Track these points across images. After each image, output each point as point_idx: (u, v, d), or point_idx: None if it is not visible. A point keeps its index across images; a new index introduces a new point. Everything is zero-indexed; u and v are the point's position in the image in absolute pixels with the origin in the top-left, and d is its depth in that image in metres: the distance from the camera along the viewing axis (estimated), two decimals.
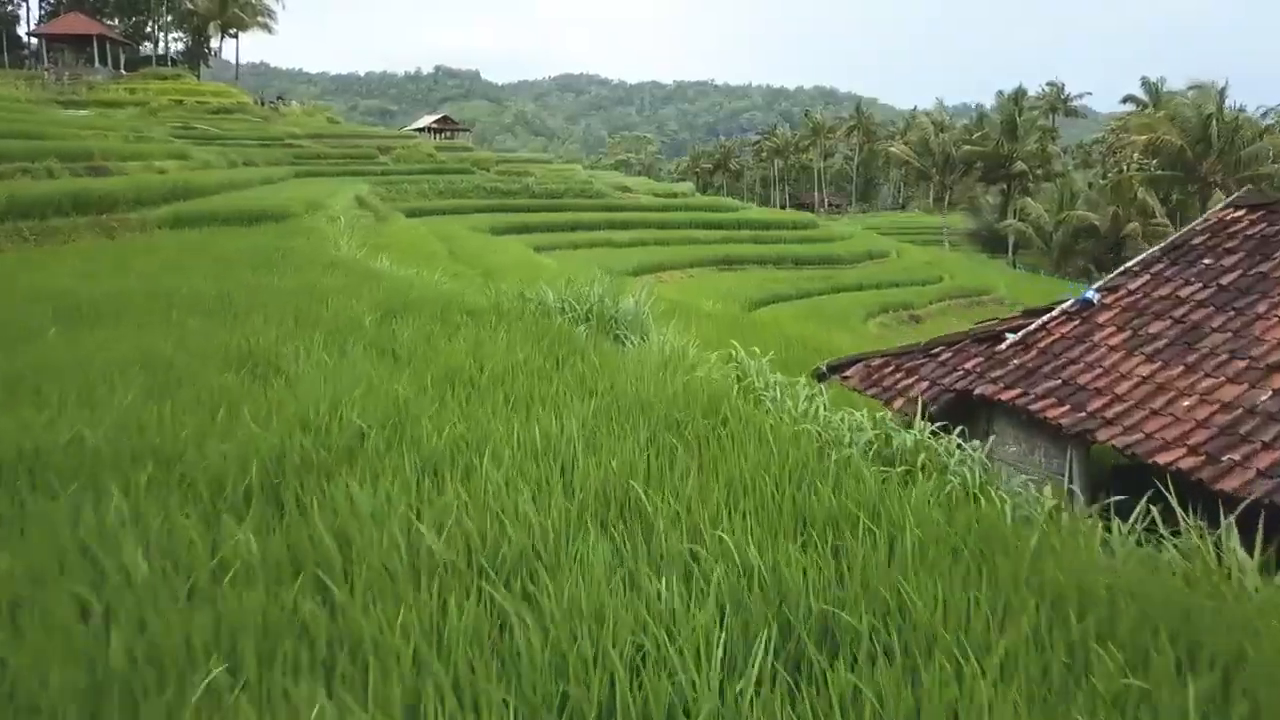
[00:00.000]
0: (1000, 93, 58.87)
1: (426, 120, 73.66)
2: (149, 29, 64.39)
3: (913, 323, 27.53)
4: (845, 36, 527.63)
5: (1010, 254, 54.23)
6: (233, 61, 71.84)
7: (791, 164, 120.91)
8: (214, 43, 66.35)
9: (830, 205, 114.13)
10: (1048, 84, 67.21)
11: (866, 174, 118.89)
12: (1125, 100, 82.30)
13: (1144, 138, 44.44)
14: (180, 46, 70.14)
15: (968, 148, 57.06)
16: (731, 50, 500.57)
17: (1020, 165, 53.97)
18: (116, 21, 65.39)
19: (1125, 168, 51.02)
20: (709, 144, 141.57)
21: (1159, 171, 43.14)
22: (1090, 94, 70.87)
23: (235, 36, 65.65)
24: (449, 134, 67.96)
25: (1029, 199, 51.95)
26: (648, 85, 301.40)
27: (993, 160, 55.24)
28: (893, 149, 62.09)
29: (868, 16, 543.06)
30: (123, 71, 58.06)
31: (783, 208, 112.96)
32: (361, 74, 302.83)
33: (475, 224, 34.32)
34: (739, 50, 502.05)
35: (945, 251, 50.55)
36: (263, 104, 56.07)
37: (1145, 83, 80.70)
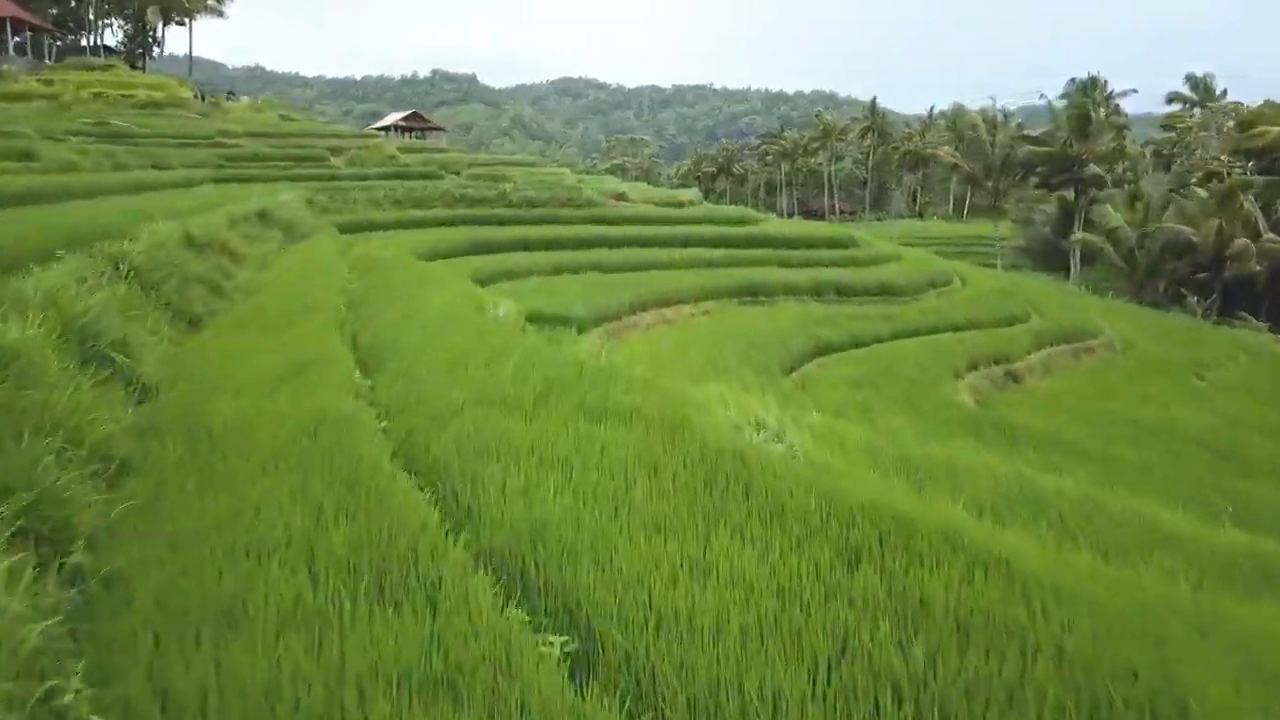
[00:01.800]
0: (1072, 80, 51.11)
1: (393, 117, 66.25)
2: (87, 17, 57.19)
3: (1012, 383, 20.28)
4: (843, 40, 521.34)
5: (1073, 272, 47.03)
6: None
7: (798, 168, 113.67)
8: (160, 31, 59.25)
9: (842, 212, 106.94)
10: (1084, 80, 59.95)
11: (879, 178, 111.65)
12: (1170, 99, 75.43)
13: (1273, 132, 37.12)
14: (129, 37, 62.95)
15: (1029, 148, 49.32)
16: (730, 54, 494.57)
17: (1093, 168, 46.38)
18: (55, 10, 58.22)
19: (1228, 173, 43.57)
20: (711, 147, 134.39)
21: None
22: (1135, 91, 63.38)
23: (183, 24, 58.74)
24: (419, 133, 60.79)
25: (1108, 207, 44.59)
26: (646, 89, 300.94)
27: (1059, 162, 47.62)
28: (938, 151, 54.45)
29: (864, 20, 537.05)
30: (47, 61, 51.13)
31: (789, 215, 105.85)
32: (358, 77, 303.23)
33: (428, 243, 27.14)
34: (737, 54, 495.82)
35: (1001, 271, 43.39)
36: (203, 99, 49.05)
37: (1191, 79, 73.81)
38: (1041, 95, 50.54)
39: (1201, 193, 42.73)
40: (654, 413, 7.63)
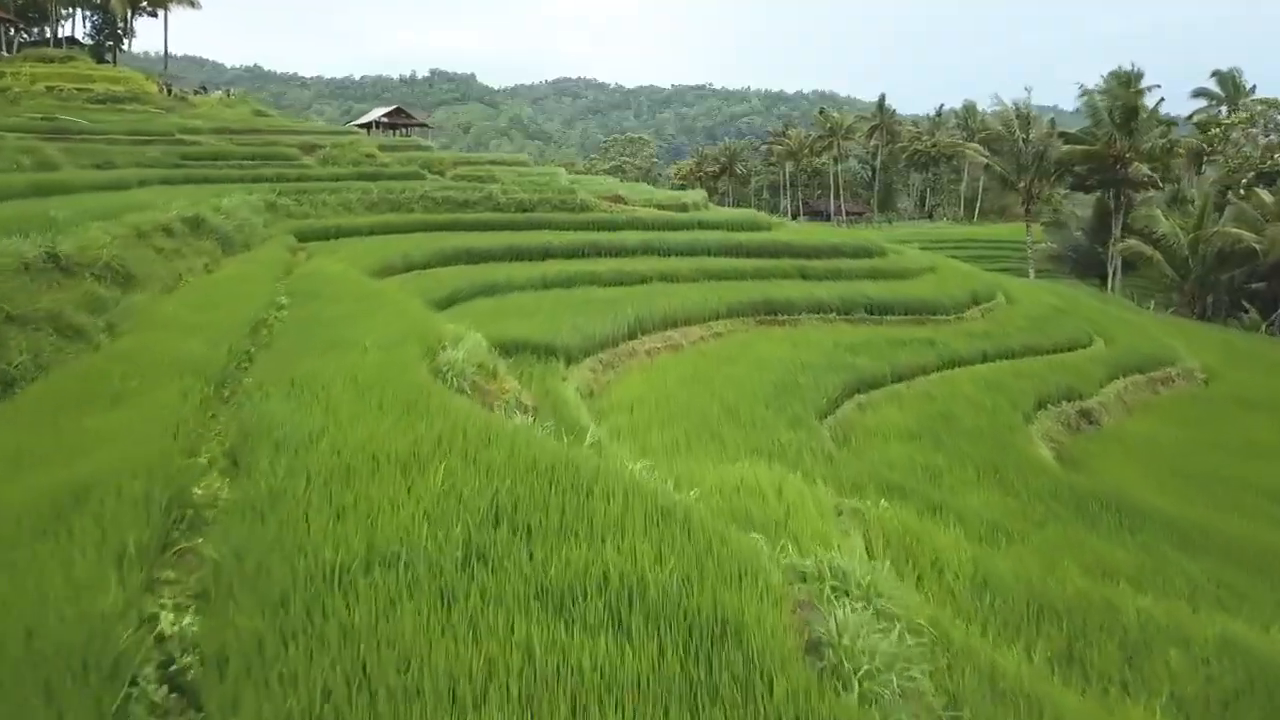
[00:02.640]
0: (1116, 72, 46.89)
1: (376, 113, 62.62)
2: (51, 7, 53.58)
3: (1087, 424, 16.85)
4: (843, 41, 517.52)
5: (1111, 282, 43.40)
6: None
7: (802, 168, 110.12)
8: (129, 22, 55.64)
9: (848, 214, 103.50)
10: (1114, 74, 56.21)
11: (885, 179, 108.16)
12: (1196, 94, 71.89)
13: None
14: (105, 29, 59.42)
15: (1067, 146, 45.53)
16: (729, 54, 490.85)
17: (1139, 168, 42.56)
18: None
19: None
20: (714, 147, 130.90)
21: None
22: (1159, 86, 59.60)
23: (155, 16, 55.22)
24: (403, 130, 57.27)
25: (1157, 211, 40.89)
26: (645, 89, 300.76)
27: (1100, 161, 43.82)
28: (966, 148, 50.57)
29: (865, 19, 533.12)
30: (3, 53, 47.71)
31: (794, 217, 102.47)
32: (357, 77, 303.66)
33: (398, 252, 23.88)
34: (736, 54, 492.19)
35: (1034, 280, 39.95)
36: (170, 93, 45.63)
37: (1219, 76, 70.25)
38: (1079, 86, 46.65)
39: (1266, 195, 39.11)
40: (667, 594, 4.29)
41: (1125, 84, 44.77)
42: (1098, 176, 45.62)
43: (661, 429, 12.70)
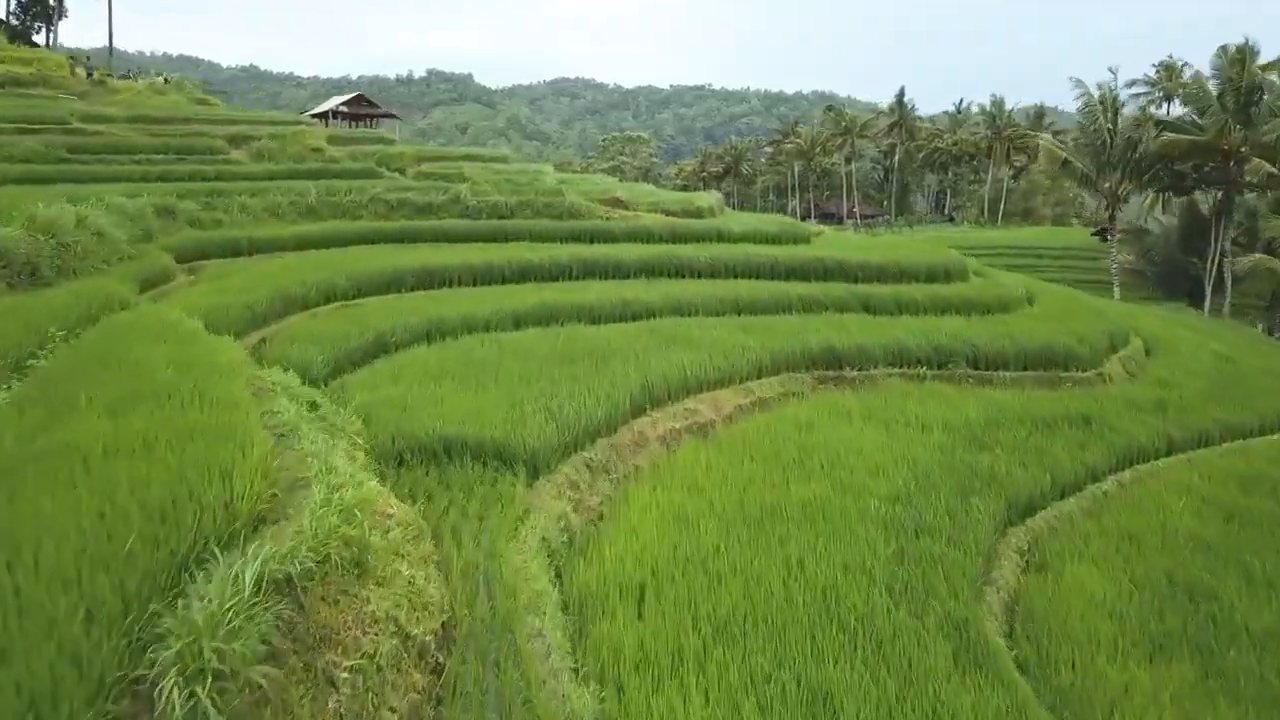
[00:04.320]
0: (1223, 49, 38.81)
1: (334, 101, 55.64)
2: None
3: None
4: (843, 41, 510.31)
5: (1210, 302, 36.65)
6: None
7: (812, 168, 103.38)
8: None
9: (863, 217, 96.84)
10: (1160, 66, 49.05)
11: (901, 179, 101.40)
12: None
13: None
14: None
15: (1169, 136, 38.17)
16: (728, 54, 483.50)
17: (1259, 164, 35.34)
18: None
19: None
20: (718, 146, 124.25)
21: None
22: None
23: None
24: (366, 121, 50.54)
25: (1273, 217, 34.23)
26: (644, 90, 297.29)
27: (1208, 155, 36.65)
28: (1040, 139, 43.57)
29: (865, 19, 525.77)
30: None
31: (803, 219, 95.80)
32: (354, 77, 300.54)
33: (319, 276, 17.54)
34: (736, 54, 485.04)
35: (1119, 300, 33.45)
36: (90, 75, 39.13)
37: None
38: (1181, 64, 39.08)
39: None
40: None
41: (1239, 61, 37.11)
42: (1202, 174, 38.53)
43: (700, 668, 6.30)
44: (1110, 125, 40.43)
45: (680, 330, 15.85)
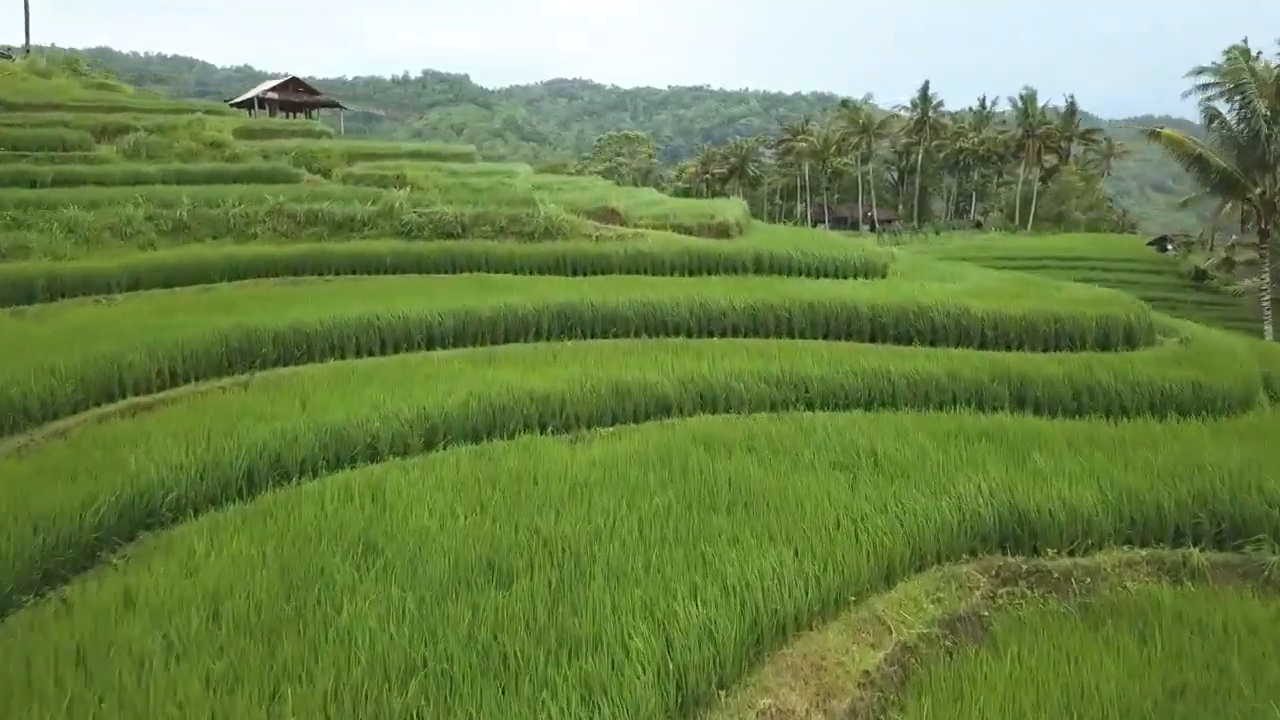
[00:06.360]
0: None
1: (263, 87, 47.97)
2: None
3: None
4: (843, 41, 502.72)
5: None
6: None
7: (823, 169, 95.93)
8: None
9: (879, 223, 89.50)
10: (1236, 51, 42.17)
11: (920, 181, 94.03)
12: None
13: None
14: None
15: None
16: (727, 55, 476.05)
17: None
18: None
19: None
20: (722, 146, 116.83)
21: None
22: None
23: None
24: (301, 110, 43.19)
25: None
26: (642, 91, 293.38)
27: None
28: (1163, 135, 36.45)
29: (865, 19, 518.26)
30: None
31: (815, 224, 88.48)
32: (349, 78, 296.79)
33: (103, 353, 10.09)
34: (735, 55, 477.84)
35: (1269, 338, 26.44)
36: None
37: None
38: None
39: None
40: None
41: None
42: None
43: None
44: (1269, 112, 32.61)
45: (718, 471, 8.45)
